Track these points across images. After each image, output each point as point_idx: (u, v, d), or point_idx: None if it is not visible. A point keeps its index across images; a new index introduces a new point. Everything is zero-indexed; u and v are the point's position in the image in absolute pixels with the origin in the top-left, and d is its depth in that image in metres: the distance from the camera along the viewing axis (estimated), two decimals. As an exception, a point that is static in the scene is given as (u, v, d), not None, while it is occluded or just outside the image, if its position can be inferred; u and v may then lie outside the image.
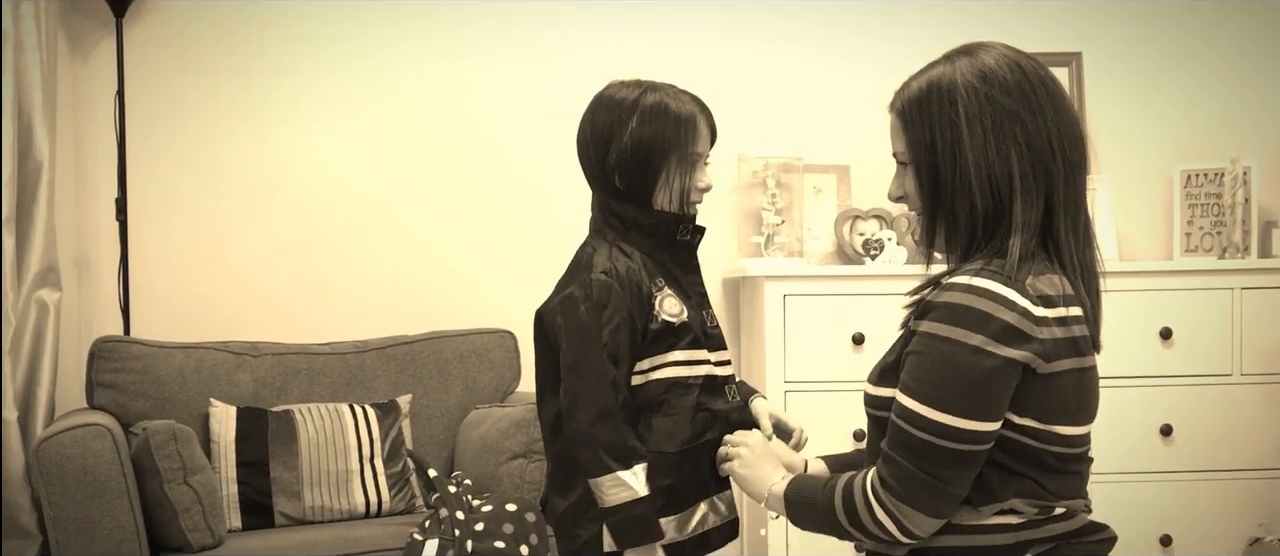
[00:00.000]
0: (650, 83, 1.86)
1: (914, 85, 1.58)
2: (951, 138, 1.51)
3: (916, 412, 1.46)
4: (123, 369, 2.89)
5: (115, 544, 2.46)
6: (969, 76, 1.52)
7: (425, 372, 3.14)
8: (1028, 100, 1.51)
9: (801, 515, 1.61)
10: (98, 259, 3.27)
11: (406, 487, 2.94)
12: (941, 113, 1.52)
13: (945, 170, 1.51)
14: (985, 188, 1.49)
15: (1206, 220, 3.34)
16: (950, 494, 1.47)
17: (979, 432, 1.45)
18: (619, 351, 1.76)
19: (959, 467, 1.46)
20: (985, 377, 1.43)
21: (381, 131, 3.39)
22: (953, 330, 1.44)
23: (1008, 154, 1.49)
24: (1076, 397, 1.50)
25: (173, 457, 2.55)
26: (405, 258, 3.39)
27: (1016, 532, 1.49)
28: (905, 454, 1.47)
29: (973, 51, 1.55)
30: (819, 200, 3.39)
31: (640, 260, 1.82)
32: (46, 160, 2.98)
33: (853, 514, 1.52)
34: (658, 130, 1.81)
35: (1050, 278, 1.49)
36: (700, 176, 1.86)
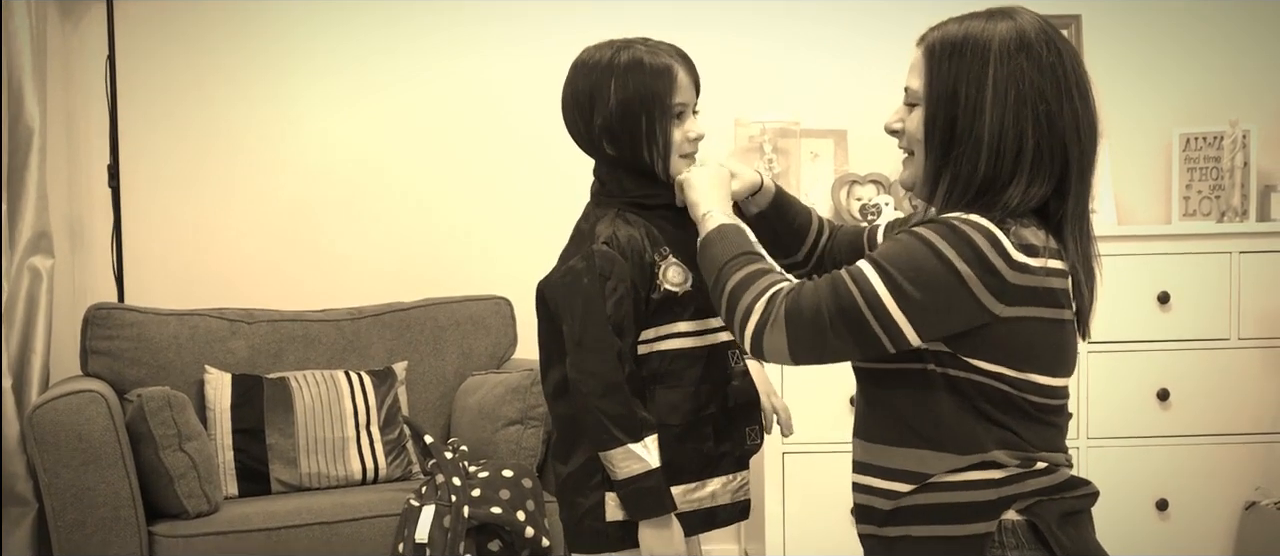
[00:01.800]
0: (624, 41, 1.82)
1: (951, 28, 1.55)
2: (976, 95, 1.50)
3: (868, 280, 1.47)
4: (117, 336, 2.88)
5: (111, 509, 2.47)
6: (1007, 41, 1.51)
7: (421, 339, 3.14)
8: (1058, 82, 1.50)
9: (707, 248, 1.62)
10: (91, 225, 3.25)
11: (403, 454, 2.94)
12: (972, 67, 1.51)
13: (961, 124, 1.51)
14: (993, 154, 1.49)
15: (1205, 184, 3.33)
16: (823, 356, 1.50)
17: (903, 333, 1.47)
18: (623, 322, 1.73)
19: (856, 343, 1.48)
20: (943, 291, 1.45)
21: (376, 97, 3.37)
22: (936, 238, 1.46)
23: (1025, 128, 1.49)
24: (1049, 347, 1.50)
25: (168, 424, 2.55)
26: (401, 224, 3.38)
27: (999, 487, 1.49)
28: (830, 299, 1.48)
29: (1014, 15, 1.54)
30: (816, 165, 3.38)
31: (643, 228, 1.79)
32: (37, 126, 2.95)
33: (740, 287, 1.53)
34: (637, 87, 1.77)
35: (1036, 230, 1.50)
36: (689, 126, 1.81)
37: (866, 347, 1.48)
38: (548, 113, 3.37)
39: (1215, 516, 3.08)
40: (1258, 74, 3.50)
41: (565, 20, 3.37)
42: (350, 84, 3.36)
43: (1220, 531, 3.08)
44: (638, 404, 1.72)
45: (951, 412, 1.50)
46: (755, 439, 1.85)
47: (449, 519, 2.55)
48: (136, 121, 3.25)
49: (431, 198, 3.39)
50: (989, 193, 1.50)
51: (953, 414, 1.50)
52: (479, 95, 3.39)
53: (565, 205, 3.65)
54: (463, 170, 3.40)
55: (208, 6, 3.29)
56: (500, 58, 3.40)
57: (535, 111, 3.39)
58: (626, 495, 1.73)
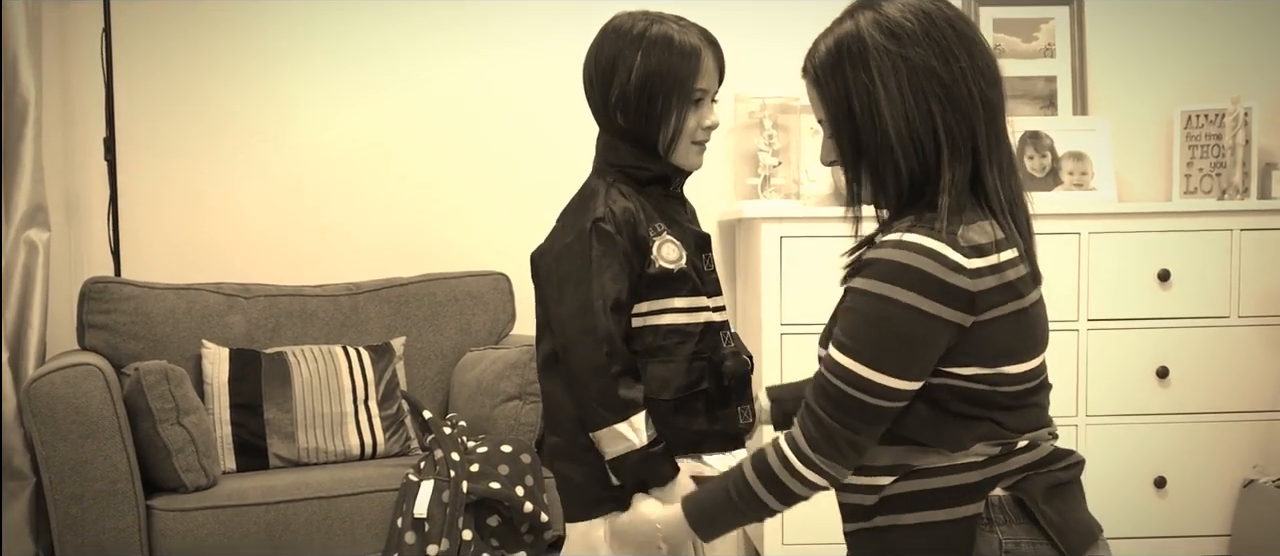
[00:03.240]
0: (657, 14, 1.79)
1: (821, 47, 1.54)
2: (868, 100, 1.47)
3: (848, 368, 1.45)
4: (114, 310, 2.87)
5: (109, 483, 2.46)
6: (875, 34, 1.48)
7: (419, 315, 3.13)
8: (940, 49, 1.47)
9: (713, 520, 1.59)
10: (87, 199, 3.23)
11: (401, 429, 2.94)
12: (854, 74, 1.48)
13: (866, 133, 1.49)
14: (909, 147, 1.47)
15: (1206, 161, 3.32)
16: (864, 448, 1.50)
17: (903, 391, 1.46)
18: (617, 298, 1.73)
19: (880, 423, 1.48)
20: (917, 336, 1.43)
21: (375, 71, 3.35)
22: (887, 287, 1.43)
23: (929, 109, 1.46)
24: (1018, 337, 1.48)
25: (165, 398, 2.54)
26: (399, 199, 3.36)
27: (982, 469, 1.49)
28: (831, 409, 1.47)
29: (874, 3, 1.51)
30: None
31: (638, 202, 1.78)
32: (33, 98, 2.93)
33: (776, 483, 1.52)
34: (661, 63, 1.74)
35: (981, 225, 1.47)
36: (706, 114, 1.80)
37: (887, 420, 1.48)
38: (546, 89, 3.37)
39: (1213, 494, 3.09)
40: (1259, 51, 3.49)
41: (561, 7, 3.35)
42: (348, 57, 3.34)
43: (1218, 509, 3.09)
44: (625, 383, 1.72)
45: (927, 417, 1.49)
46: (748, 418, 1.85)
47: (448, 494, 2.55)
48: (133, 94, 3.23)
49: (430, 173, 3.37)
50: (921, 188, 1.48)
51: (928, 418, 1.49)
52: (478, 70, 3.38)
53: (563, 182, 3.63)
54: (462, 146, 3.38)
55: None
56: (500, 33, 3.37)
57: (534, 88, 3.38)
58: (618, 474, 1.73)
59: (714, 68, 1.79)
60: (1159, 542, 3.08)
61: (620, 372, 1.71)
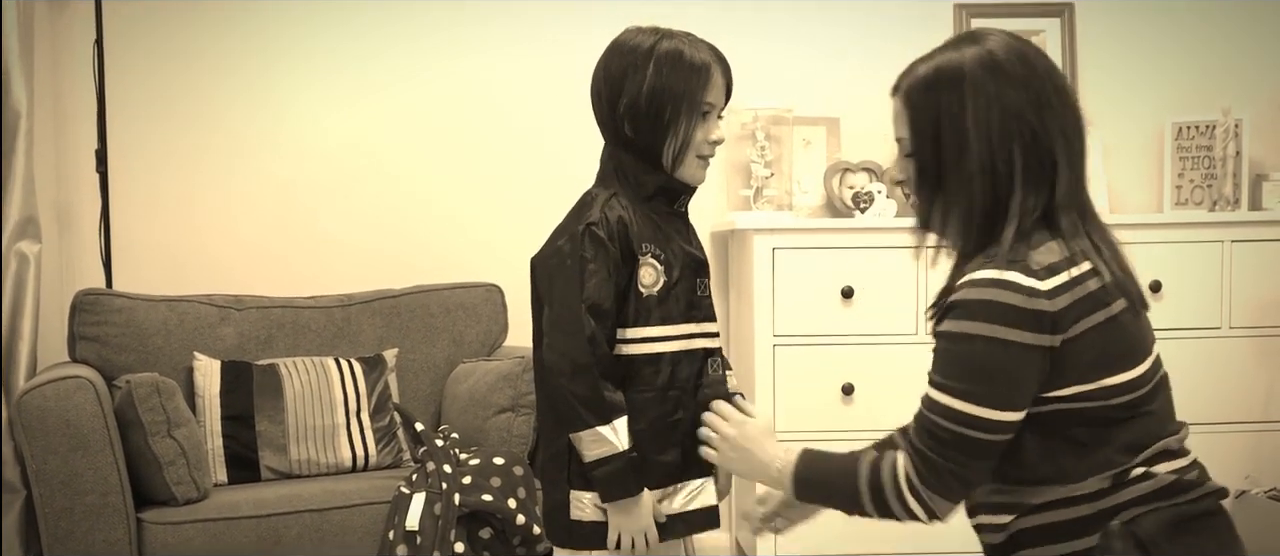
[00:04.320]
0: (667, 30, 1.81)
1: (920, 70, 1.56)
2: (958, 129, 1.51)
3: (947, 406, 1.49)
4: (105, 322, 2.86)
5: (99, 496, 2.45)
6: (977, 69, 1.51)
7: (412, 326, 3.12)
8: (1035, 94, 1.51)
9: (813, 490, 1.64)
10: (78, 211, 3.23)
11: (393, 441, 2.93)
12: (949, 101, 1.52)
13: (947, 162, 1.52)
14: (986, 184, 1.51)
15: (1197, 173, 3.33)
16: (973, 481, 1.53)
17: (1004, 422, 1.48)
18: (602, 304, 1.73)
19: (985, 457, 1.50)
20: (1007, 367, 1.46)
21: (367, 83, 3.35)
22: (969, 324, 1.47)
23: (1011, 150, 1.50)
24: (1111, 346, 1.49)
25: (156, 410, 2.53)
26: (391, 210, 3.36)
27: (1094, 501, 1.49)
28: (935, 446, 1.51)
29: (979, 38, 1.55)
30: (809, 153, 3.37)
31: (636, 217, 1.78)
32: (24, 109, 2.92)
33: (880, 497, 1.55)
34: (671, 79, 1.76)
35: (1049, 246, 1.50)
36: (712, 129, 1.82)
37: (993, 454, 1.50)
38: (540, 100, 3.38)
39: (1205, 505, 3.09)
40: (1250, 63, 3.50)
41: (559, 10, 3.36)
42: (340, 69, 3.34)
43: (1210, 520, 3.09)
44: (608, 386, 1.72)
45: (1036, 452, 1.51)
46: None
47: (440, 506, 2.54)
48: (125, 106, 3.23)
49: (423, 184, 3.37)
50: (993, 219, 1.51)
51: (1037, 453, 1.51)
52: (471, 82, 3.38)
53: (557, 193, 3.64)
54: (454, 157, 3.38)
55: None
56: (493, 45, 3.38)
57: (528, 99, 3.38)
58: (595, 477, 1.73)
59: (722, 83, 1.82)
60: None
61: (603, 374, 1.72)
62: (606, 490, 1.73)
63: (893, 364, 3.00)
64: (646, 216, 1.80)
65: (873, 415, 3.00)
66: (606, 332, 1.74)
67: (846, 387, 3.00)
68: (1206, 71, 3.50)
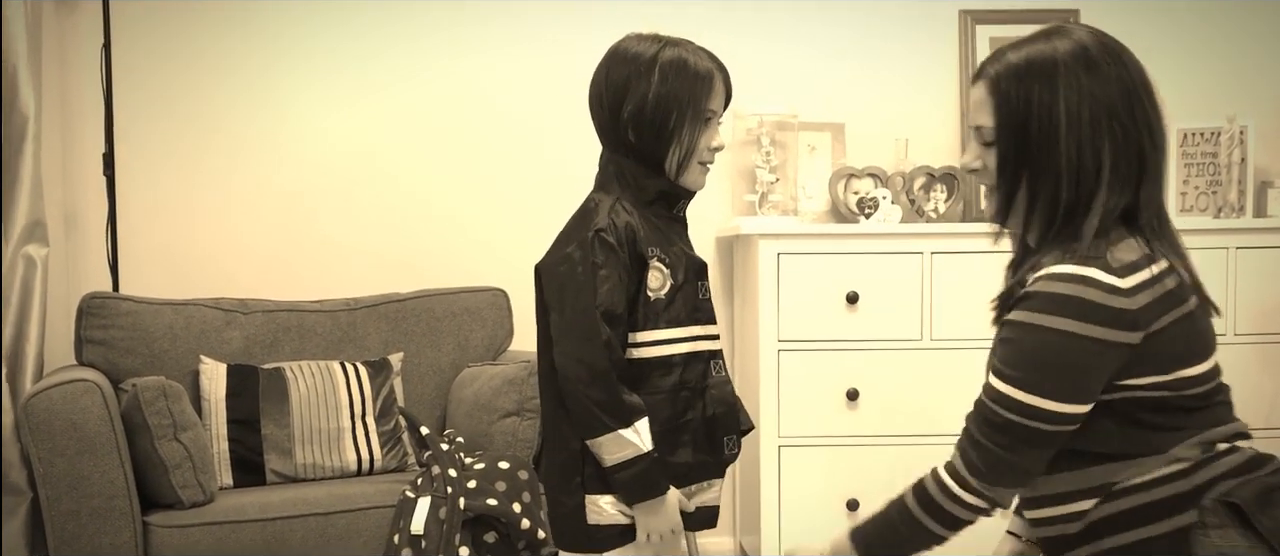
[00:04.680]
0: (669, 38, 1.83)
1: (1012, 57, 1.54)
2: (1048, 121, 1.49)
3: (1010, 396, 1.48)
4: (112, 325, 2.87)
5: (106, 499, 2.45)
6: (1070, 61, 1.50)
7: (417, 330, 3.13)
8: (1126, 91, 1.50)
9: (882, 548, 1.62)
10: (85, 214, 3.24)
11: (398, 445, 2.93)
12: (1040, 93, 1.50)
13: (1035, 154, 1.51)
14: (1073, 178, 1.49)
15: (1202, 180, 3.33)
16: (1031, 472, 1.52)
17: (1067, 415, 1.48)
18: (615, 309, 1.74)
19: (1045, 446, 1.50)
20: (1080, 360, 1.45)
21: (373, 88, 3.35)
22: (1046, 317, 1.46)
23: (1101, 146, 1.48)
24: (1188, 342, 1.50)
25: (163, 414, 2.54)
26: (397, 215, 3.37)
27: (1190, 476, 1.49)
28: (992, 434, 1.50)
29: (1070, 32, 1.53)
30: (814, 158, 3.37)
31: (639, 219, 1.79)
32: (32, 113, 2.93)
33: (937, 510, 1.55)
34: (676, 86, 1.78)
35: (1128, 243, 1.49)
36: (713, 135, 1.83)
37: (1053, 444, 1.50)
38: (544, 105, 3.38)
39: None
40: (1255, 70, 3.50)
41: (563, 15, 3.36)
42: (347, 74, 3.35)
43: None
44: (625, 389, 1.73)
45: (1117, 430, 1.50)
46: (733, 449, 1.86)
47: (445, 510, 2.55)
48: (132, 110, 3.24)
49: (428, 189, 3.38)
50: (1074, 215, 1.50)
51: (1119, 431, 1.50)
52: (476, 87, 3.38)
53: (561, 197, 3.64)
54: (459, 161, 3.39)
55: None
56: (498, 50, 3.39)
57: (532, 104, 3.38)
58: (619, 481, 1.73)
59: (723, 90, 1.84)
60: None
61: (620, 378, 1.73)
62: (631, 492, 1.74)
63: (897, 369, 3.00)
64: (649, 221, 1.81)
65: (877, 420, 3.00)
66: (620, 337, 1.75)
67: (851, 393, 3.00)
68: (1212, 78, 3.50)
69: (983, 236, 2.99)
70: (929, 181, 3.29)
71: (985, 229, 3.05)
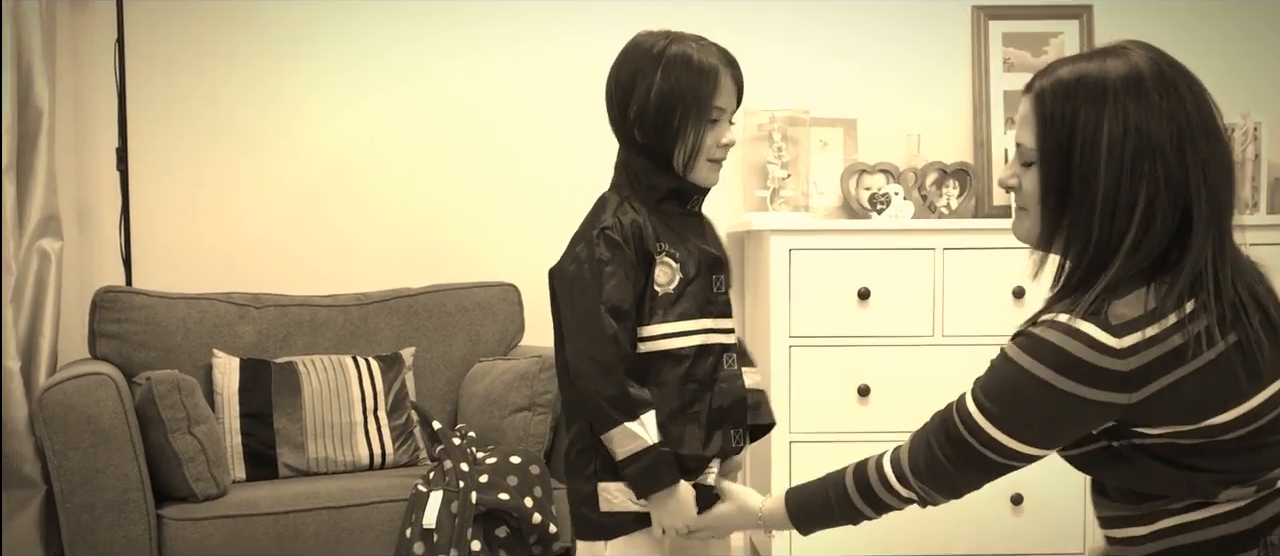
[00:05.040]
0: (677, 34, 1.81)
1: (1063, 73, 1.45)
2: (1091, 152, 1.41)
3: (976, 422, 1.47)
4: (125, 319, 2.88)
5: (120, 492, 2.47)
6: (1120, 87, 1.41)
7: (429, 325, 3.14)
8: (1177, 128, 1.40)
9: (811, 518, 1.66)
10: (98, 209, 3.25)
11: (410, 440, 2.94)
12: (1086, 119, 1.41)
13: (1077, 185, 1.43)
14: (1106, 216, 1.41)
15: (1216, 176, 3.31)
16: (962, 490, 1.53)
17: (1024, 454, 1.47)
18: (621, 305, 1.74)
19: (987, 473, 1.50)
20: (1052, 411, 1.42)
21: (385, 84, 3.36)
22: (1028, 360, 1.42)
23: (1139, 187, 1.40)
24: (1212, 389, 1.40)
25: (176, 407, 2.55)
26: (409, 210, 3.37)
27: (1250, 514, 1.45)
28: (946, 446, 1.50)
29: (1127, 52, 1.44)
30: (825, 154, 3.37)
31: (649, 218, 1.79)
32: (46, 108, 2.95)
33: (869, 493, 1.58)
34: (679, 82, 1.75)
35: (1137, 294, 1.40)
36: (722, 132, 1.81)
37: (994, 473, 1.50)
38: (556, 101, 3.38)
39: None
40: (1269, 66, 3.49)
41: (573, 10, 3.36)
42: (359, 70, 3.35)
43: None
44: (633, 383, 1.73)
45: (1161, 471, 1.45)
46: (739, 441, 1.85)
47: (457, 505, 2.55)
48: (145, 105, 3.25)
49: (440, 184, 3.38)
50: (1104, 254, 1.42)
51: (1161, 471, 1.45)
52: (488, 83, 3.39)
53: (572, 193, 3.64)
54: (471, 157, 3.39)
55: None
56: (508, 46, 3.39)
57: (543, 100, 3.39)
58: (629, 474, 1.74)
59: (732, 87, 1.81)
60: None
61: (628, 373, 1.73)
62: (641, 484, 1.74)
63: (909, 365, 3.00)
64: (661, 217, 1.80)
65: (889, 416, 3.00)
66: (627, 332, 1.75)
67: (862, 389, 3.00)
68: (1225, 74, 3.47)
69: (995, 232, 3.00)
70: (941, 177, 3.28)
71: (998, 225, 3.05)
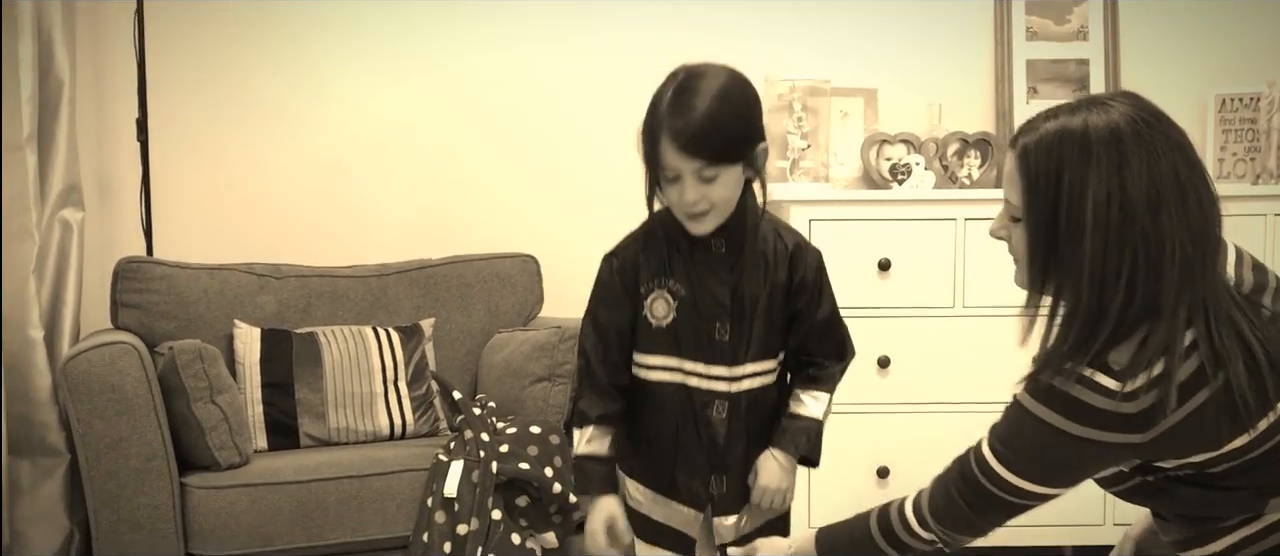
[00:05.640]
0: (684, 72, 1.71)
1: (1045, 128, 1.45)
2: (1074, 215, 1.41)
3: (993, 469, 1.51)
4: (147, 289, 2.90)
5: (144, 460, 2.48)
6: (1101, 147, 1.40)
7: (448, 296, 3.14)
8: (1157, 193, 1.39)
9: (837, 552, 1.69)
10: (119, 180, 3.26)
11: (430, 411, 2.95)
12: (1070, 182, 1.41)
13: (1064, 250, 1.43)
14: (1095, 284, 1.42)
15: (1240, 146, 3.28)
16: (983, 532, 1.58)
17: (1042, 495, 1.51)
18: (608, 328, 1.81)
19: (1006, 514, 1.55)
20: (1067, 457, 1.47)
21: (405, 54, 3.35)
22: (1040, 407, 1.46)
23: (1123, 254, 1.40)
24: (1220, 418, 1.42)
25: (199, 376, 2.56)
26: (428, 181, 3.37)
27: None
28: (965, 490, 1.55)
29: (1108, 106, 1.43)
30: (846, 124, 3.35)
31: (659, 252, 1.79)
32: (67, 79, 2.95)
33: (893, 537, 1.63)
34: (642, 128, 1.71)
35: (1136, 337, 1.43)
36: (671, 191, 1.71)
37: (1014, 513, 1.54)
38: (576, 72, 3.37)
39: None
40: (1296, 35, 3.45)
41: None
42: (379, 39, 3.34)
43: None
44: (588, 397, 1.81)
45: (1200, 495, 1.50)
46: (719, 489, 1.84)
47: (477, 474, 2.56)
48: (165, 76, 3.25)
49: (459, 155, 3.38)
50: (1095, 314, 1.42)
51: (1202, 496, 1.50)
52: (509, 55, 3.38)
53: (591, 166, 3.63)
54: (491, 128, 3.39)
55: (235, -40, 3.28)
56: (529, 17, 3.37)
57: (564, 71, 3.37)
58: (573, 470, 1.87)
59: (677, 149, 1.66)
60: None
61: (588, 386, 1.81)
62: (575, 483, 1.87)
63: (929, 337, 2.99)
64: (678, 250, 1.79)
65: (909, 388, 2.99)
66: (614, 351, 1.82)
67: (882, 360, 2.99)
68: (1251, 43, 3.45)
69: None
70: (963, 147, 3.26)
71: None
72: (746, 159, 1.72)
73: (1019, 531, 2.92)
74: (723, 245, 1.79)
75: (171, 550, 2.50)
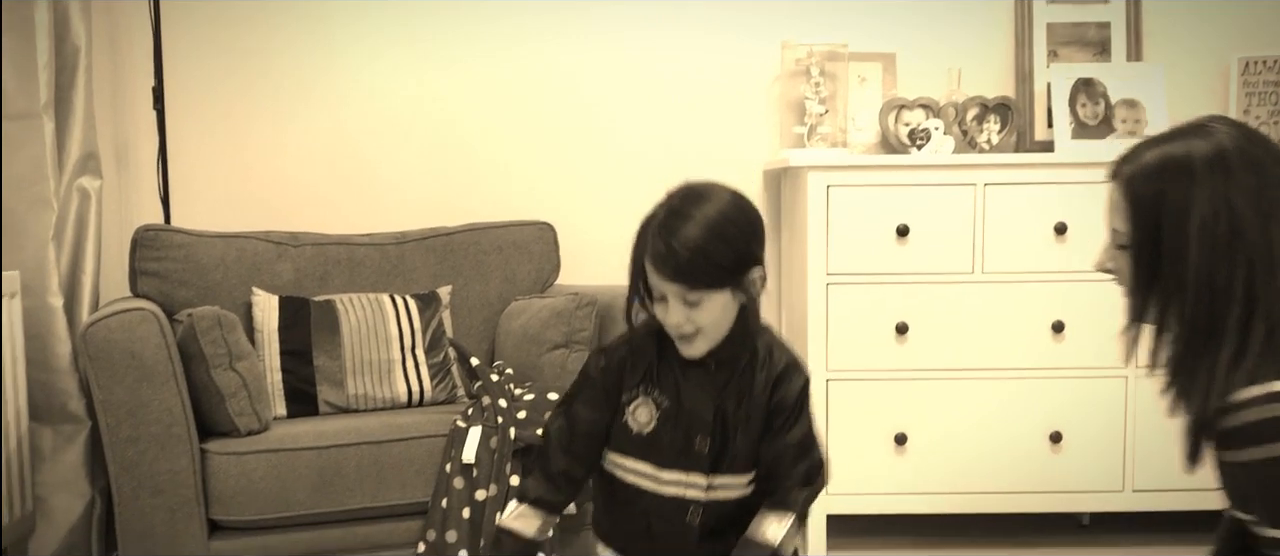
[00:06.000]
0: (677, 189, 1.71)
1: (1147, 158, 1.47)
2: (1178, 234, 1.43)
3: (1268, 535, 1.46)
4: (165, 257, 2.91)
5: (164, 427, 2.50)
6: (1205, 168, 1.42)
7: (465, 264, 3.14)
8: (1267, 204, 1.42)
9: None
10: (136, 148, 3.27)
11: (448, 378, 2.96)
12: (1174, 202, 1.43)
13: (1167, 265, 1.45)
14: (1205, 297, 1.43)
15: (1264, 109, 3.25)
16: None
17: None
18: (579, 421, 1.82)
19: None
20: None
21: (422, 22, 3.34)
22: (1256, 451, 1.42)
23: (1233, 268, 1.42)
24: None
25: (218, 343, 2.57)
26: (444, 149, 3.37)
27: None
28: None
29: (1211, 131, 1.45)
30: (864, 89, 3.33)
31: (647, 357, 1.78)
32: (84, 46, 2.95)
33: None
34: (633, 249, 1.73)
35: (1262, 348, 1.43)
36: (657, 308, 1.71)
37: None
38: (591, 42, 3.35)
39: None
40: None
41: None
42: (396, 8, 3.33)
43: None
44: (534, 476, 1.85)
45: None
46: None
47: (495, 440, 2.57)
48: (182, 45, 3.25)
49: (476, 123, 3.37)
50: (1209, 335, 1.43)
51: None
52: (523, 24, 3.36)
53: (607, 135, 3.62)
54: (507, 98, 3.38)
55: (250, -73, 3.27)
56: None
57: (580, 44, 3.36)
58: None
59: (661, 278, 1.67)
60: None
61: (540, 468, 1.84)
62: (490, 547, 1.93)
63: (947, 303, 2.98)
64: (666, 360, 1.79)
65: (927, 354, 2.99)
66: (569, 439, 1.83)
67: (900, 326, 2.98)
68: (1275, 5, 3.40)
69: (1037, 167, 2.96)
70: (982, 112, 3.24)
71: (1040, 160, 3.01)
72: (737, 285, 1.70)
73: (1038, 498, 2.93)
74: (714, 363, 1.77)
75: (192, 515, 2.52)
